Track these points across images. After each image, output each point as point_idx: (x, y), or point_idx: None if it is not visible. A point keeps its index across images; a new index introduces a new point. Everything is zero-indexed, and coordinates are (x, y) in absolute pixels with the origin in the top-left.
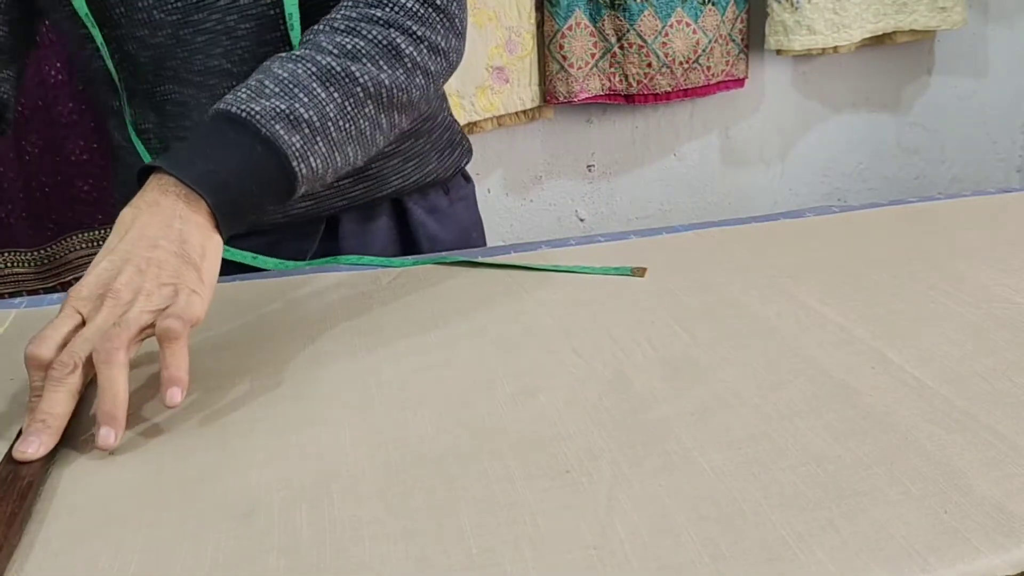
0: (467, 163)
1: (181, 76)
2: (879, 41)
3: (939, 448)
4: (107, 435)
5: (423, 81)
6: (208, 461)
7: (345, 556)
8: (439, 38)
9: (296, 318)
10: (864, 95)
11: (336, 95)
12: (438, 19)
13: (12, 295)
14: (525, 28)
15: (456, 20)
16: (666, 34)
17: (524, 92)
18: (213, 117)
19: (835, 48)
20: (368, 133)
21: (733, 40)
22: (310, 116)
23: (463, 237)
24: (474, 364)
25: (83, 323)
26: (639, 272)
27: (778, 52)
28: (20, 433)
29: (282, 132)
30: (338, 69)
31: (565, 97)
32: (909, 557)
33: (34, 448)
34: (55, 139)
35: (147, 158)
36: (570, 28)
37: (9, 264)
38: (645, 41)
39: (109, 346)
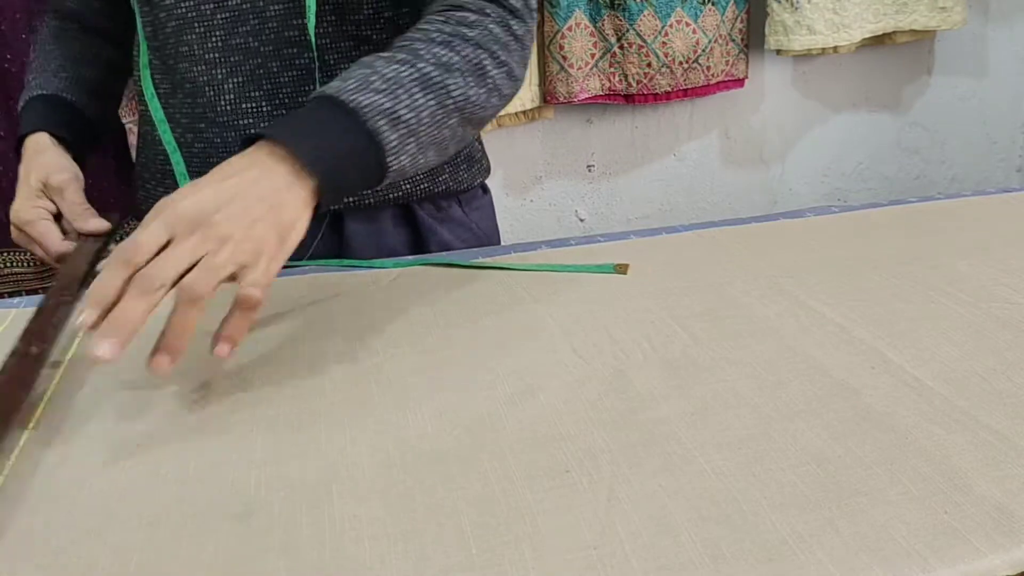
0: (482, 181)
1: (195, 53)
2: (879, 41)
3: (939, 448)
4: (163, 360)
5: (497, 102)
6: (208, 461)
7: (345, 556)
8: (516, 66)
9: (296, 318)
10: (864, 95)
11: (431, 102)
12: (517, 48)
13: (11, 295)
14: None
15: (526, 51)
16: (666, 34)
17: (524, 92)
18: (320, 100)
19: (835, 48)
20: (447, 141)
21: (733, 40)
22: (408, 118)
23: (479, 246)
24: (474, 363)
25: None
26: (622, 268)
27: (778, 52)
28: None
29: (384, 128)
30: (436, 78)
31: (565, 97)
32: (909, 557)
33: (105, 350)
34: None
35: (163, 123)
36: (570, 28)
37: (8, 264)
38: (645, 41)
39: (198, 289)
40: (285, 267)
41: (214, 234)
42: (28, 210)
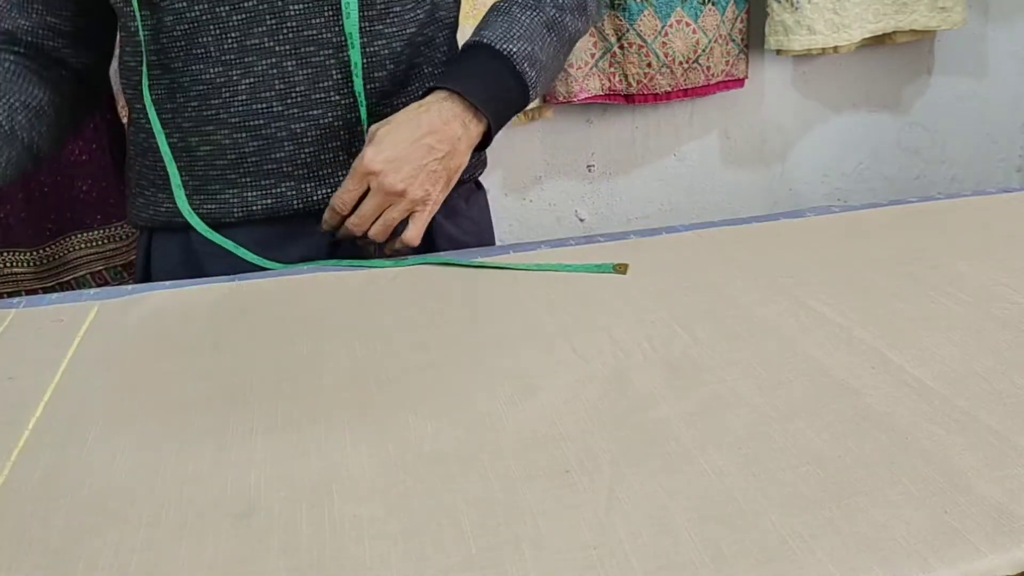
0: (480, 174)
1: (211, 55)
2: (879, 41)
3: (939, 448)
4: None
5: (587, 28)
6: (208, 461)
7: (345, 556)
8: (595, 13)
9: (296, 318)
10: (864, 95)
11: (555, 40)
12: None
13: (11, 295)
14: None
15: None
16: (666, 34)
17: None
18: (477, 48)
19: (835, 48)
20: (558, 68)
21: (733, 40)
22: (542, 58)
23: (480, 240)
24: (474, 363)
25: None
26: (621, 268)
27: (778, 52)
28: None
29: (529, 70)
30: (558, 19)
31: (565, 97)
32: (909, 557)
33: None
34: None
35: (160, 132)
36: None
37: (8, 264)
38: (645, 41)
39: (379, 238)
40: (284, 269)
41: (394, 192)
42: None
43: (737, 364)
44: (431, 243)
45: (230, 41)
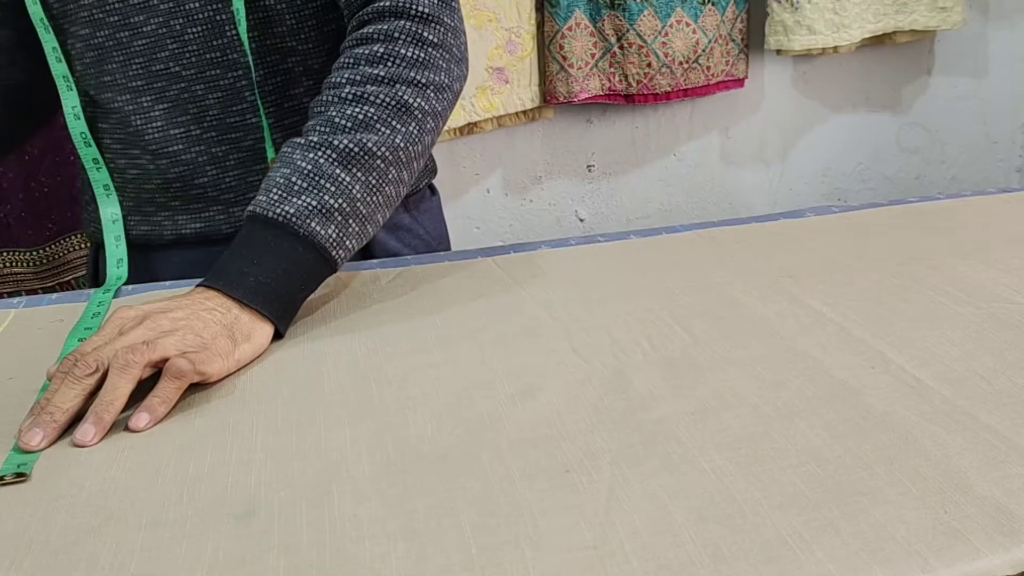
0: (427, 182)
1: (119, 82)
2: (879, 41)
3: (939, 448)
4: (87, 431)
5: (433, 124)
6: (208, 461)
7: (345, 556)
8: (442, 76)
9: (296, 318)
10: (864, 95)
11: (359, 175)
12: (438, 56)
13: (11, 295)
14: (525, 29)
15: (454, 49)
16: (666, 34)
17: (524, 92)
18: (251, 221)
19: (835, 48)
20: (393, 194)
21: (733, 40)
22: (340, 204)
23: (429, 250)
24: (474, 363)
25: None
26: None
27: (778, 52)
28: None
29: (318, 228)
30: (355, 150)
31: (565, 97)
32: (909, 557)
33: (37, 440)
34: (55, 139)
35: (82, 150)
36: (570, 28)
37: (8, 264)
38: (645, 41)
39: (130, 357)
40: None
41: (160, 328)
42: None
43: (737, 364)
44: (371, 258)
45: (135, 67)
